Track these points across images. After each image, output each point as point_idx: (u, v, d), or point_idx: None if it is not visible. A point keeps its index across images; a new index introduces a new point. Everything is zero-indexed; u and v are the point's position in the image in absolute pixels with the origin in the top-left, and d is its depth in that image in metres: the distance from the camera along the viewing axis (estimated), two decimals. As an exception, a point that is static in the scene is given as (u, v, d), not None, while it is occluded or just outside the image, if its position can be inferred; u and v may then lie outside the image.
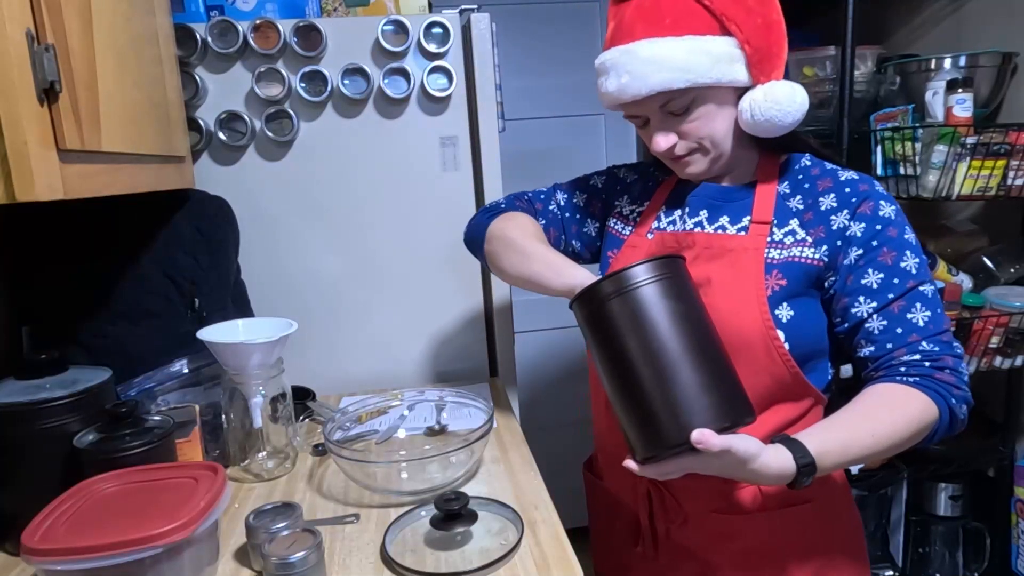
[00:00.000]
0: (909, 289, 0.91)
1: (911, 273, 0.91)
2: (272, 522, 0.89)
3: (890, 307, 0.91)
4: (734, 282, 0.96)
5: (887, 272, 0.92)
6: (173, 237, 1.27)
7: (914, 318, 0.90)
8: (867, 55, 1.73)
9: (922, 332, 0.90)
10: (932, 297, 0.92)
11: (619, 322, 0.83)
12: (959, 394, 0.89)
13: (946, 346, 0.90)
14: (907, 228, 0.94)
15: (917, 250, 0.94)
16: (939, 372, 0.88)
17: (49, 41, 0.72)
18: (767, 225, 0.98)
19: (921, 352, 0.89)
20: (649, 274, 0.83)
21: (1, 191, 0.66)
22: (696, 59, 0.91)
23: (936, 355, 0.89)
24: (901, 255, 0.92)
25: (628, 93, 0.95)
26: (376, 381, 1.56)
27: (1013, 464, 1.73)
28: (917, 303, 0.91)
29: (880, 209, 0.94)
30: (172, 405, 1.14)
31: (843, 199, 0.96)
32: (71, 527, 0.77)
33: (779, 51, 0.95)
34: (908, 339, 0.90)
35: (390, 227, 1.52)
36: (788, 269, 0.95)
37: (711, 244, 1.00)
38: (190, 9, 1.40)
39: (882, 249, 0.92)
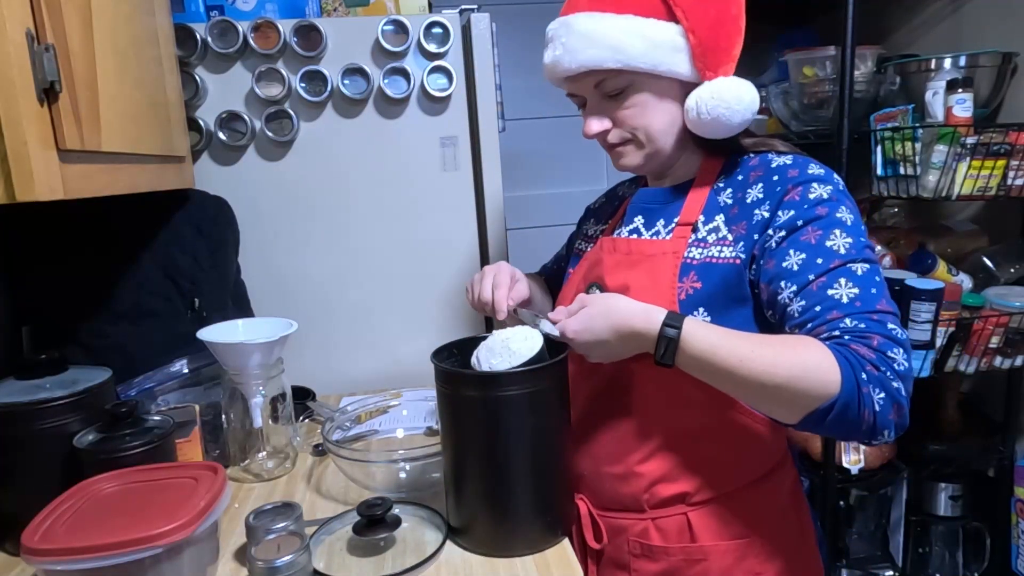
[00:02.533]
0: (833, 267, 0.81)
1: (837, 252, 0.81)
2: (272, 522, 0.89)
3: (810, 286, 0.81)
4: (649, 288, 0.91)
5: (809, 252, 0.82)
6: (173, 237, 1.27)
7: (836, 294, 0.79)
8: (867, 55, 1.73)
9: (845, 308, 0.79)
10: (865, 275, 0.80)
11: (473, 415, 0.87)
12: (873, 373, 0.74)
13: (876, 324, 0.77)
14: (843, 207, 0.85)
15: (852, 229, 0.83)
16: (857, 344, 0.76)
17: (49, 41, 0.72)
18: (689, 227, 0.93)
19: (842, 328, 0.78)
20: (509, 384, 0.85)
21: (1, 191, 0.66)
22: (631, 40, 0.86)
23: (861, 331, 0.77)
24: (827, 234, 0.82)
25: (560, 67, 0.92)
26: (376, 381, 1.56)
27: (1013, 464, 1.73)
28: (841, 279, 0.80)
29: (810, 191, 0.85)
30: (172, 405, 1.14)
31: (769, 189, 0.88)
32: (71, 527, 0.77)
33: (729, 46, 0.89)
34: (828, 316, 0.79)
35: (390, 227, 1.52)
36: (704, 271, 0.89)
37: (631, 250, 0.96)
38: (190, 9, 1.40)
39: (806, 229, 0.83)
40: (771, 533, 0.95)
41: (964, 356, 1.56)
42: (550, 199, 2.67)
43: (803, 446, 1.78)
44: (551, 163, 2.68)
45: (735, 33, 0.89)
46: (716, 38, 0.87)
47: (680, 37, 0.87)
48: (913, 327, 1.52)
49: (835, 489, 1.71)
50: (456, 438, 0.89)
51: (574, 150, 2.70)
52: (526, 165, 2.64)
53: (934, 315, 1.50)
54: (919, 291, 1.50)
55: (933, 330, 1.51)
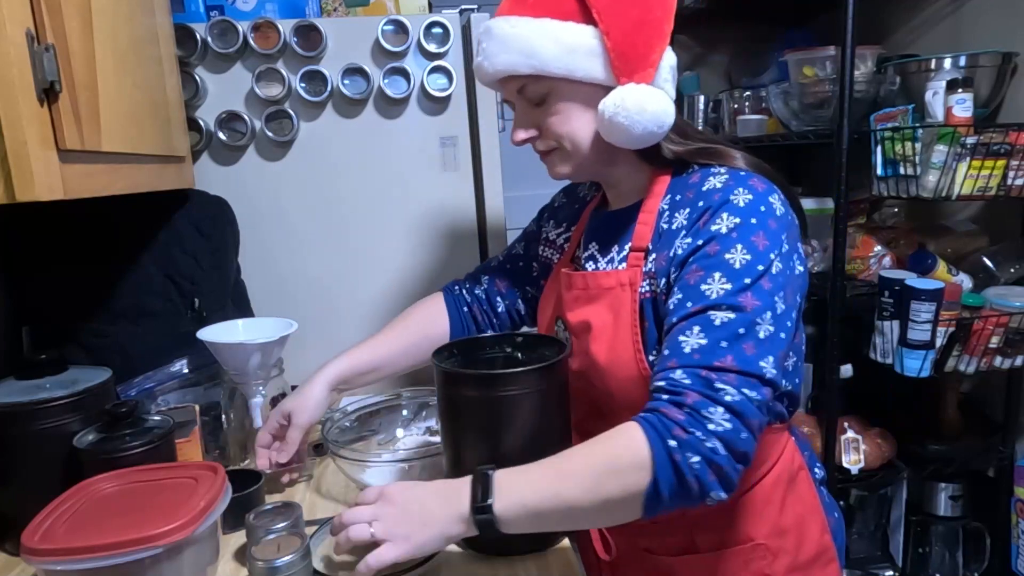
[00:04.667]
0: (693, 312, 0.76)
1: (707, 297, 0.76)
2: (272, 522, 0.89)
3: (672, 328, 0.78)
4: (612, 328, 0.86)
5: (685, 293, 0.78)
6: (173, 237, 1.27)
7: (684, 342, 0.75)
8: (867, 55, 1.73)
9: (683, 359, 0.74)
10: (723, 325, 0.74)
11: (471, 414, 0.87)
12: (684, 438, 0.70)
13: (699, 381, 0.72)
14: (738, 247, 0.77)
15: (736, 273, 0.76)
16: (669, 407, 0.72)
17: (49, 41, 0.72)
18: (642, 253, 0.87)
19: (668, 380, 0.74)
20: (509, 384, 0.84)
21: (1, 191, 0.66)
22: (545, 44, 0.83)
23: (682, 387, 0.72)
24: (708, 276, 0.77)
25: (480, 72, 0.90)
26: (376, 381, 1.56)
27: (1013, 464, 1.73)
28: (696, 327, 0.75)
29: (714, 223, 0.80)
30: (172, 405, 1.14)
31: (692, 215, 0.83)
32: (71, 527, 0.77)
33: (647, 52, 0.83)
34: (667, 363, 0.75)
35: (390, 227, 1.52)
36: (646, 308, 0.85)
37: (587, 284, 0.92)
38: (190, 9, 1.40)
39: (692, 267, 0.79)
40: (776, 531, 0.93)
41: (964, 356, 1.56)
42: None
43: (803, 446, 1.78)
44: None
45: (655, 37, 0.84)
46: (633, 42, 0.83)
47: (596, 40, 0.83)
48: (913, 327, 1.52)
49: (835, 489, 1.71)
50: (456, 438, 0.89)
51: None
52: (526, 165, 2.63)
53: (934, 315, 1.50)
54: (919, 291, 1.50)
55: (933, 330, 1.51)
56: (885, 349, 1.60)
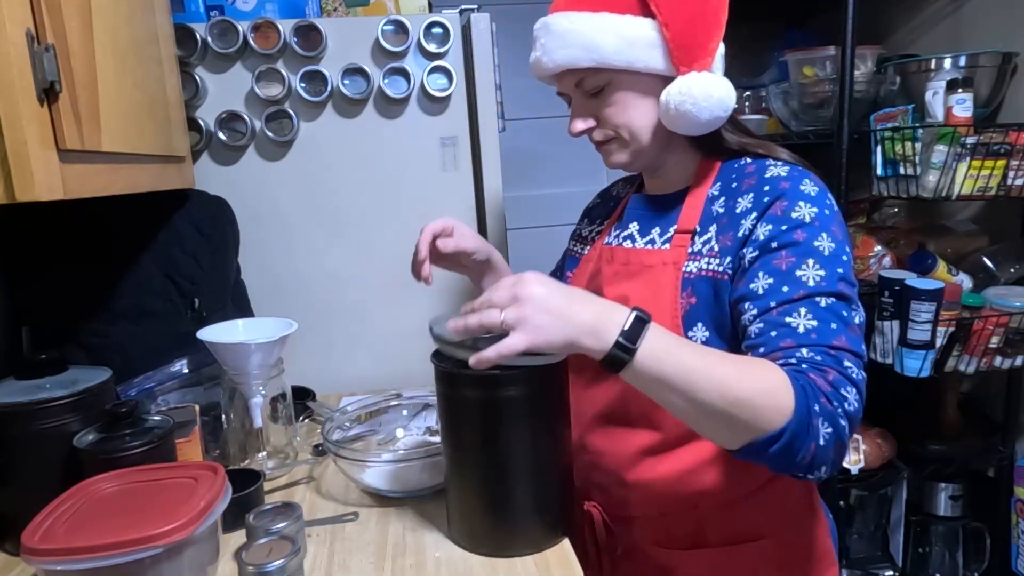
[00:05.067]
0: (796, 298, 0.77)
1: (805, 283, 0.78)
2: (272, 522, 0.89)
3: (770, 311, 0.78)
4: (650, 302, 0.86)
5: (777, 278, 0.79)
6: (173, 237, 1.27)
7: (794, 323, 0.76)
8: (867, 55, 1.73)
9: (800, 338, 0.75)
10: (827, 308, 0.76)
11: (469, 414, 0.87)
12: (827, 408, 0.71)
13: (832, 359, 0.74)
14: (823, 235, 0.80)
15: (828, 260, 0.79)
16: (815, 374, 0.73)
17: (49, 41, 0.72)
18: (688, 235, 0.90)
19: (798, 358, 0.75)
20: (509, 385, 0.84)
21: (1, 191, 0.66)
22: (605, 38, 0.85)
23: (817, 363, 0.74)
24: (800, 262, 0.79)
25: (540, 67, 0.92)
26: (376, 381, 1.56)
27: (1013, 464, 1.73)
28: (802, 309, 0.77)
29: (794, 209, 0.82)
30: (172, 405, 1.14)
31: (758, 199, 0.85)
32: (71, 527, 0.77)
33: (706, 41, 0.86)
34: (782, 343, 0.76)
35: (390, 227, 1.52)
36: (698, 285, 0.87)
37: (630, 260, 0.94)
38: (190, 9, 1.40)
39: (780, 252, 0.80)
40: (784, 532, 0.94)
41: (964, 356, 1.56)
42: (550, 199, 2.67)
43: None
44: (551, 163, 2.68)
45: (713, 27, 0.86)
46: (692, 32, 0.85)
47: (655, 32, 0.85)
48: (913, 327, 1.52)
49: (835, 489, 1.71)
50: (456, 438, 0.89)
51: (574, 150, 2.69)
52: (526, 165, 2.64)
53: (934, 315, 1.50)
54: (919, 291, 1.50)
55: (933, 330, 1.51)
56: (885, 349, 1.60)
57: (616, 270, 0.95)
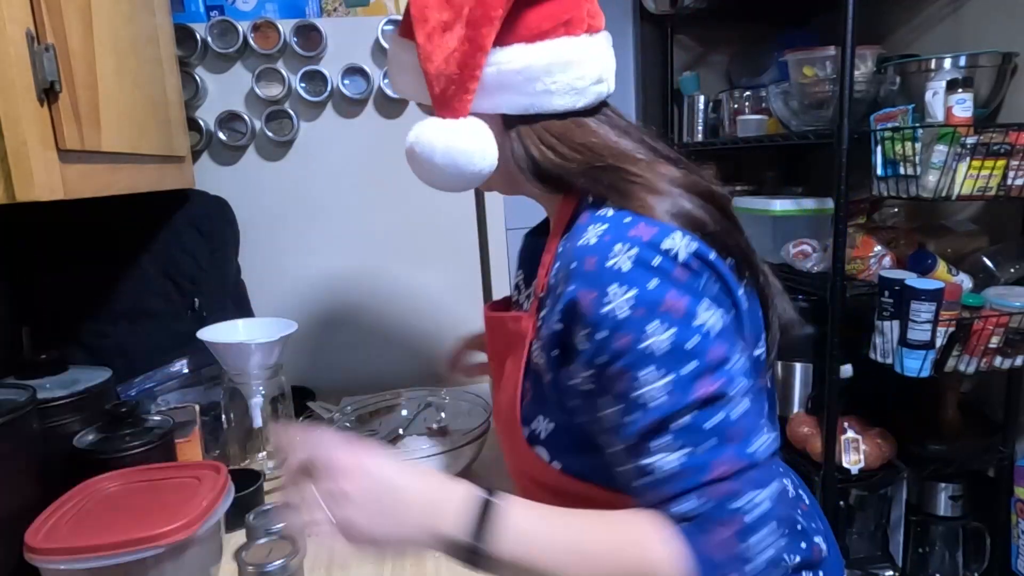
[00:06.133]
0: (654, 428, 0.59)
1: (649, 407, 0.59)
2: (272, 522, 0.89)
3: (628, 457, 0.62)
4: (508, 378, 0.73)
5: (620, 405, 0.61)
6: (173, 237, 1.27)
7: (663, 465, 0.59)
8: (867, 55, 1.73)
9: (676, 485, 0.59)
10: (689, 430, 0.58)
11: None
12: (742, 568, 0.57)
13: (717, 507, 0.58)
14: (654, 323, 0.59)
15: (667, 359, 0.59)
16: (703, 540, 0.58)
17: (49, 41, 0.72)
18: (539, 301, 0.70)
19: (681, 513, 0.59)
20: None
21: (1, 191, 0.66)
22: (392, 64, 0.80)
23: (705, 519, 0.58)
24: (633, 378, 0.59)
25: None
26: (376, 381, 1.56)
27: (1013, 464, 1.73)
28: (666, 439, 0.59)
29: (604, 304, 0.60)
30: (172, 405, 1.14)
31: (565, 278, 0.63)
32: (74, 526, 0.77)
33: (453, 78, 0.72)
34: (663, 494, 0.60)
35: (390, 227, 1.52)
36: (529, 372, 0.70)
37: (494, 328, 0.80)
38: (190, 9, 1.40)
39: (610, 368, 0.61)
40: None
41: (964, 356, 1.56)
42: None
43: (803, 446, 1.79)
44: (551, 163, 2.67)
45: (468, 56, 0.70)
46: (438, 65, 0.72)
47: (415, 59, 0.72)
48: (913, 327, 1.52)
49: (835, 489, 1.71)
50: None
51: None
52: (526, 165, 2.63)
53: (934, 315, 1.50)
54: (919, 291, 1.50)
55: (933, 330, 1.51)
56: (885, 349, 1.60)
57: (490, 337, 0.83)
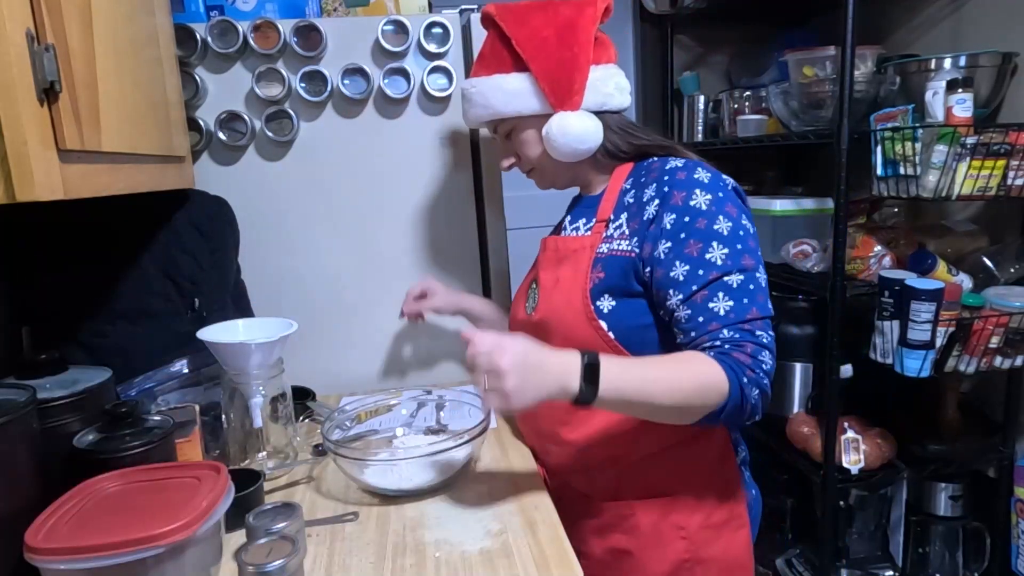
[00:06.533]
0: (712, 280, 0.94)
1: (715, 264, 0.94)
2: (272, 522, 0.89)
3: (694, 297, 0.94)
4: (570, 279, 1.05)
5: (692, 264, 0.95)
6: (173, 237, 1.27)
7: (716, 307, 0.93)
8: (867, 55, 1.73)
9: (722, 320, 0.93)
10: (739, 287, 0.94)
11: None
12: (751, 376, 0.90)
13: (747, 334, 0.92)
14: (720, 217, 0.96)
15: (728, 239, 0.95)
16: (737, 352, 0.91)
17: (49, 41, 0.72)
18: (604, 223, 1.07)
19: (721, 339, 0.92)
20: None
21: (1, 191, 0.66)
22: (496, 95, 1.08)
23: (736, 340, 0.92)
24: (707, 246, 0.95)
25: (466, 122, 1.19)
26: (376, 381, 1.56)
27: (1013, 464, 1.73)
28: (720, 292, 0.93)
29: (692, 199, 0.97)
30: (172, 405, 1.14)
31: (659, 188, 1.01)
32: (74, 526, 0.77)
33: (570, 84, 1.05)
34: (709, 327, 0.93)
35: (390, 227, 1.52)
36: (608, 263, 1.02)
37: (558, 247, 1.12)
38: (190, 9, 1.40)
39: (689, 241, 0.96)
40: (694, 491, 1.07)
41: (964, 356, 1.56)
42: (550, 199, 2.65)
43: (803, 446, 1.78)
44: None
45: (575, 71, 1.05)
46: (558, 79, 1.05)
47: (531, 83, 1.06)
48: (913, 327, 1.52)
49: (835, 489, 1.71)
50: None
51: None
52: (526, 165, 2.63)
53: (934, 315, 1.50)
54: (919, 291, 1.50)
55: (933, 330, 1.51)
56: (885, 349, 1.60)
57: (549, 256, 1.13)
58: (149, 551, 0.73)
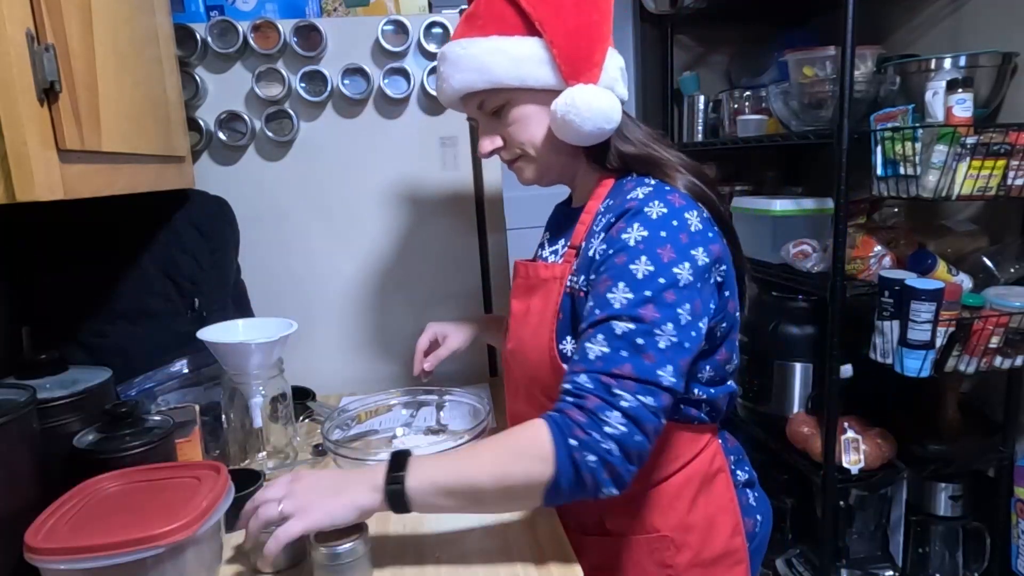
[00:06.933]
0: (599, 321, 0.81)
1: (611, 305, 0.81)
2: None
3: (583, 334, 0.83)
4: (539, 313, 0.94)
5: (595, 301, 0.84)
6: (173, 237, 1.27)
7: (589, 348, 0.81)
8: (867, 55, 1.73)
9: (587, 364, 0.80)
10: (623, 336, 0.79)
11: None
12: (583, 438, 0.76)
13: (601, 388, 0.78)
14: (643, 258, 0.82)
15: (638, 284, 0.81)
16: (572, 409, 0.78)
17: (49, 41, 0.72)
18: (575, 250, 0.94)
19: (574, 384, 0.80)
20: None
21: (1, 191, 0.66)
22: (496, 59, 0.89)
23: (584, 391, 0.78)
24: (614, 284, 0.82)
25: (443, 94, 0.97)
26: (376, 381, 1.56)
27: (1013, 464, 1.73)
28: (600, 335, 0.80)
29: (625, 231, 0.84)
30: (172, 405, 1.14)
31: (609, 217, 0.89)
32: (74, 526, 0.77)
33: (590, 54, 0.89)
34: (574, 367, 0.81)
35: (390, 227, 1.52)
36: (565, 301, 0.91)
37: (529, 275, 1.00)
38: (190, 9, 1.40)
39: (603, 276, 0.84)
40: (681, 527, 0.95)
41: (964, 356, 1.56)
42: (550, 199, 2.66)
43: (803, 446, 1.79)
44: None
45: (597, 40, 0.90)
46: (577, 46, 0.89)
47: (543, 50, 0.89)
48: (913, 327, 1.52)
49: (835, 489, 1.71)
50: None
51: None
52: (526, 165, 2.63)
53: (934, 315, 1.50)
54: (919, 291, 1.50)
55: (933, 330, 1.51)
56: (885, 349, 1.60)
57: (519, 284, 1.02)
58: (149, 551, 0.73)
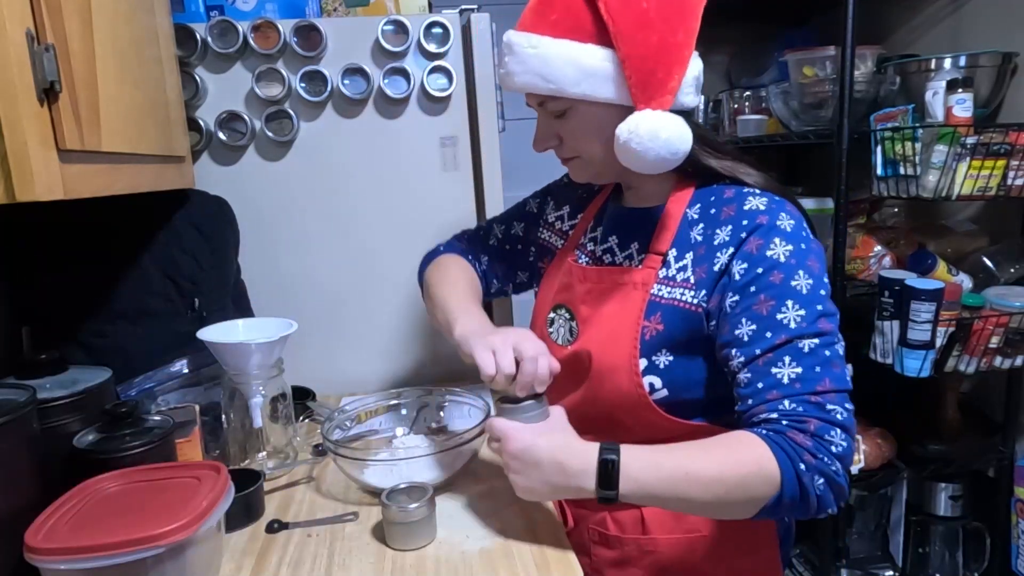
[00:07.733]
0: (780, 344, 0.79)
1: (786, 327, 0.80)
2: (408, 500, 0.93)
3: (756, 360, 0.80)
4: (616, 318, 0.91)
5: (760, 324, 0.81)
6: (173, 237, 1.27)
7: (779, 373, 0.79)
8: (867, 55, 1.73)
9: (785, 389, 0.78)
10: (811, 353, 0.79)
11: None
12: (810, 462, 0.76)
13: (813, 407, 0.77)
14: (800, 272, 0.81)
15: (807, 298, 0.80)
16: (794, 432, 0.77)
17: (49, 41, 0.72)
18: (660, 257, 0.91)
19: (780, 411, 0.78)
20: None
21: (1, 191, 0.66)
22: (563, 68, 0.84)
23: (798, 415, 0.77)
24: (780, 305, 0.80)
25: (505, 84, 0.91)
26: (376, 381, 1.56)
27: (1013, 464, 1.73)
28: (787, 357, 0.79)
29: (768, 248, 0.82)
30: (172, 405, 1.14)
31: (735, 232, 0.85)
32: (74, 526, 0.77)
33: (666, 79, 0.83)
34: (768, 396, 0.79)
35: (390, 227, 1.52)
36: (668, 314, 0.88)
37: (602, 279, 0.97)
38: (190, 9, 1.40)
39: (759, 297, 0.81)
40: (721, 530, 0.95)
41: (964, 356, 1.56)
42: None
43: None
44: (551, 163, 2.67)
45: (676, 64, 0.84)
46: (652, 69, 0.82)
47: (613, 65, 0.83)
48: (913, 327, 1.52)
49: (835, 489, 1.71)
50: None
51: (574, 150, 2.69)
52: (526, 165, 2.63)
53: (934, 315, 1.50)
54: (919, 291, 1.50)
55: (933, 330, 1.51)
56: (885, 349, 1.60)
57: (589, 288, 0.98)
58: (149, 551, 0.73)
